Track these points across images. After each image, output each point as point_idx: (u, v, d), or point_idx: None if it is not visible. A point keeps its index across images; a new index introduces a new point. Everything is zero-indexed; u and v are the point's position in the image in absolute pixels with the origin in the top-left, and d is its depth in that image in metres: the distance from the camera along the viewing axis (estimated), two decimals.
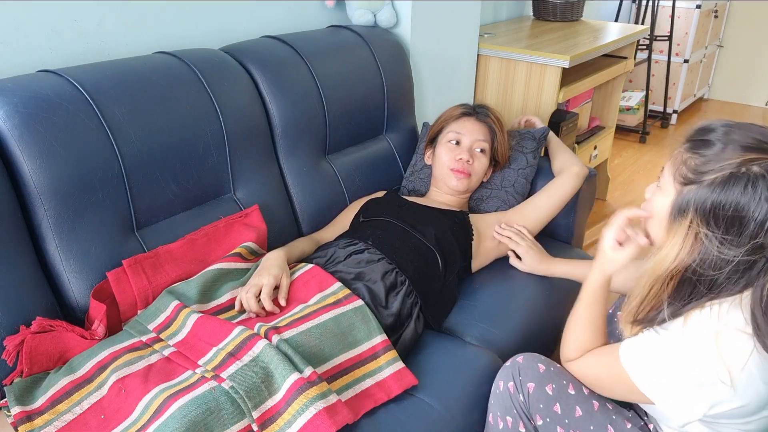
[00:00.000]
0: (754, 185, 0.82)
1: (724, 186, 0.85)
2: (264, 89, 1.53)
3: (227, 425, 0.96)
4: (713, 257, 0.87)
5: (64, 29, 1.34)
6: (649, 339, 0.95)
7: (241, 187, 1.47)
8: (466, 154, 1.60)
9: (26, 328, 1.10)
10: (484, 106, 1.69)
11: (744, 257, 0.85)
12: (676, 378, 0.91)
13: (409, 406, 1.12)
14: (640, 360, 0.96)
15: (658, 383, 0.94)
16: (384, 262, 1.34)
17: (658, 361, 0.93)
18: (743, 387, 0.87)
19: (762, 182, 0.82)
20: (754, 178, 0.83)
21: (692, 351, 0.89)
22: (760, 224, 0.83)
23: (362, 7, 1.85)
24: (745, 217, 0.84)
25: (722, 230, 0.86)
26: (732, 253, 0.85)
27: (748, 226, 0.84)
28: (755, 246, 0.84)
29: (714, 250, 0.86)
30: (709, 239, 0.86)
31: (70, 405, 1.03)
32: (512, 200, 1.71)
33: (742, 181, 0.83)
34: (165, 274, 1.25)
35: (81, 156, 1.16)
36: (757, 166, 0.83)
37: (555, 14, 2.79)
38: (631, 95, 3.95)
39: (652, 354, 0.95)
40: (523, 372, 1.11)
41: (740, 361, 0.86)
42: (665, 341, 0.93)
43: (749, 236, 0.84)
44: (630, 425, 1.06)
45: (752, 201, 0.83)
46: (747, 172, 0.83)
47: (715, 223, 0.86)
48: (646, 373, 0.95)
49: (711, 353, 0.87)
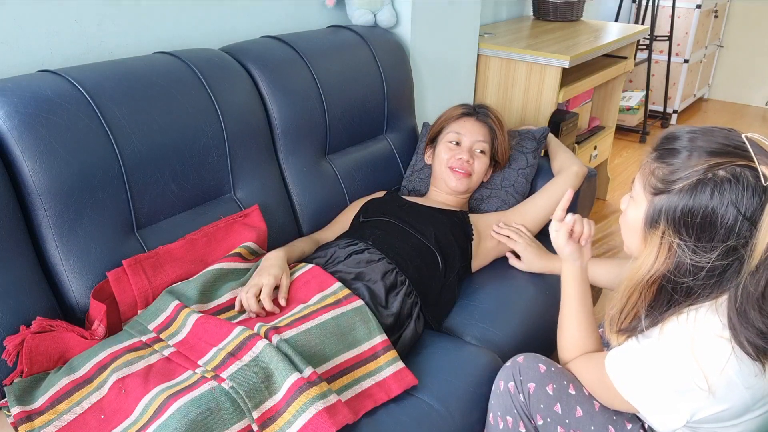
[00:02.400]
0: (721, 190, 0.82)
1: (691, 193, 0.85)
2: (264, 89, 1.53)
3: (227, 425, 0.96)
4: (687, 265, 0.87)
5: (64, 29, 1.34)
6: (631, 348, 0.97)
7: (241, 187, 1.47)
8: (466, 155, 1.60)
9: (26, 328, 1.10)
10: (485, 107, 1.69)
11: (717, 262, 0.85)
12: (657, 386, 0.92)
13: (409, 406, 1.12)
14: (623, 369, 0.98)
15: (641, 392, 0.95)
16: (384, 262, 1.34)
17: (639, 369, 0.94)
18: (722, 392, 0.87)
19: (728, 186, 0.82)
20: (720, 182, 0.83)
21: (669, 358, 0.89)
22: (729, 228, 0.83)
23: (362, 7, 1.85)
24: (714, 222, 0.84)
25: (694, 237, 0.86)
26: (705, 259, 0.85)
27: (719, 231, 0.84)
28: (727, 249, 0.84)
29: (687, 258, 0.87)
30: (681, 248, 0.87)
31: (70, 405, 1.03)
32: (512, 200, 1.71)
33: (708, 187, 0.83)
34: (165, 274, 1.25)
35: (81, 156, 1.16)
36: (722, 171, 0.83)
37: (555, 14, 2.79)
38: (631, 95, 3.95)
39: (633, 363, 0.96)
40: (524, 372, 1.11)
41: (717, 365, 0.86)
42: (644, 349, 0.94)
43: (720, 241, 0.84)
44: (630, 426, 1.06)
45: (720, 205, 0.83)
46: (713, 177, 0.83)
47: (686, 231, 0.86)
48: (629, 382, 0.96)
49: (687, 359, 0.87)
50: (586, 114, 2.77)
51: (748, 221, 0.82)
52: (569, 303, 1.18)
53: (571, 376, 1.12)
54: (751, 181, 0.82)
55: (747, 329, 0.84)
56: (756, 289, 0.84)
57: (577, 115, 2.45)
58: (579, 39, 2.41)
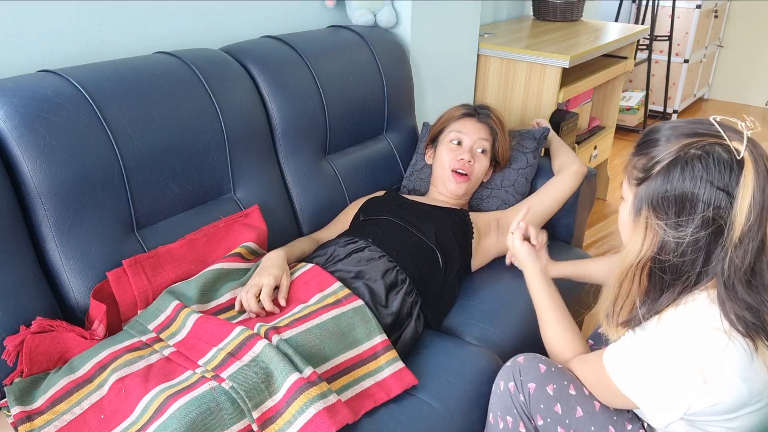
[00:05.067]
0: (692, 166, 0.86)
1: (666, 173, 0.89)
2: (264, 89, 1.53)
3: (227, 425, 0.96)
4: (671, 243, 0.90)
5: (64, 29, 1.34)
6: (628, 341, 0.97)
7: (241, 187, 1.47)
8: (467, 155, 1.60)
9: (26, 328, 1.10)
10: (486, 107, 1.69)
11: (697, 234, 0.87)
12: (654, 377, 0.92)
13: (409, 406, 1.12)
14: (621, 363, 0.98)
15: (639, 385, 0.95)
16: (384, 260, 1.34)
17: (637, 362, 0.95)
18: (718, 383, 0.87)
19: (698, 162, 0.86)
20: (691, 159, 0.87)
21: (666, 349, 0.90)
22: (706, 202, 0.86)
23: (362, 7, 1.85)
24: (690, 197, 0.87)
25: (673, 214, 0.89)
26: (685, 233, 0.88)
27: (696, 204, 0.87)
28: (705, 219, 0.87)
29: (669, 236, 0.89)
30: (662, 228, 0.90)
31: (70, 405, 1.03)
32: (512, 200, 1.71)
33: (679, 165, 0.87)
34: (165, 274, 1.25)
35: (81, 156, 1.16)
36: (693, 149, 0.87)
37: (555, 14, 2.79)
38: (631, 95, 3.95)
39: (631, 356, 0.96)
40: (524, 372, 1.11)
41: (714, 356, 0.87)
42: (642, 341, 0.94)
43: (699, 213, 0.87)
44: (630, 426, 1.06)
45: (693, 181, 0.86)
46: (684, 156, 0.87)
47: (665, 210, 0.89)
48: (627, 376, 0.96)
49: (684, 350, 0.88)
50: (586, 114, 2.77)
51: (724, 192, 0.85)
52: (544, 306, 1.22)
53: (571, 376, 1.12)
54: (723, 155, 0.85)
55: (735, 303, 0.86)
56: (743, 261, 0.86)
57: (577, 115, 2.45)
58: (579, 39, 2.41)
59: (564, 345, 1.17)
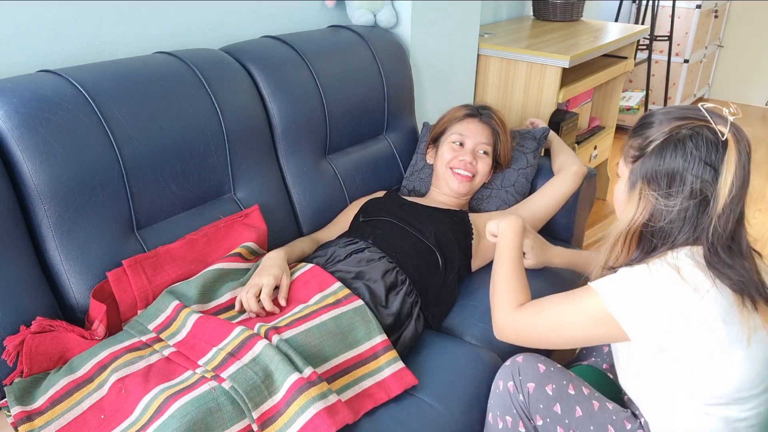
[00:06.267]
0: (684, 144, 0.97)
1: (661, 151, 0.99)
2: (264, 89, 1.53)
3: (227, 425, 0.96)
4: (661, 211, 1.00)
5: (64, 29, 1.34)
6: (621, 273, 1.03)
7: (241, 187, 1.47)
8: (469, 156, 1.60)
9: (26, 328, 1.10)
10: (488, 108, 1.69)
11: (686, 203, 0.98)
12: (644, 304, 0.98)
13: (409, 406, 1.12)
14: (613, 287, 1.02)
15: (629, 309, 1.00)
16: (384, 261, 1.34)
17: (629, 288, 1.00)
18: (701, 318, 0.95)
19: (690, 141, 0.97)
20: (683, 138, 0.98)
21: (655, 282, 0.98)
22: (695, 174, 0.97)
23: (362, 7, 1.85)
24: (681, 172, 0.98)
25: (665, 185, 0.99)
26: (675, 202, 0.99)
27: (686, 176, 0.97)
28: (693, 190, 0.97)
29: (661, 205, 1.00)
30: (655, 198, 1.00)
31: (70, 405, 1.03)
32: (512, 200, 1.71)
33: (672, 143, 0.98)
34: (165, 274, 1.25)
35: (81, 156, 1.16)
36: (684, 130, 0.98)
37: (555, 14, 2.79)
38: (631, 95, 3.95)
39: (623, 282, 1.01)
40: (523, 372, 1.11)
41: (700, 289, 0.95)
42: (634, 273, 1.00)
43: (689, 184, 0.98)
44: (630, 425, 1.07)
45: (683, 157, 0.97)
46: (676, 135, 0.98)
47: (657, 183, 1.00)
48: (618, 299, 1.00)
49: (671, 285, 0.96)
50: (586, 114, 2.77)
51: (710, 167, 0.96)
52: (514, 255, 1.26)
53: (570, 377, 1.12)
54: (710, 136, 0.97)
55: (719, 263, 0.96)
56: (724, 229, 0.97)
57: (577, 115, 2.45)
58: (579, 39, 2.41)
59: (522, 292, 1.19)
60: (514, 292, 1.18)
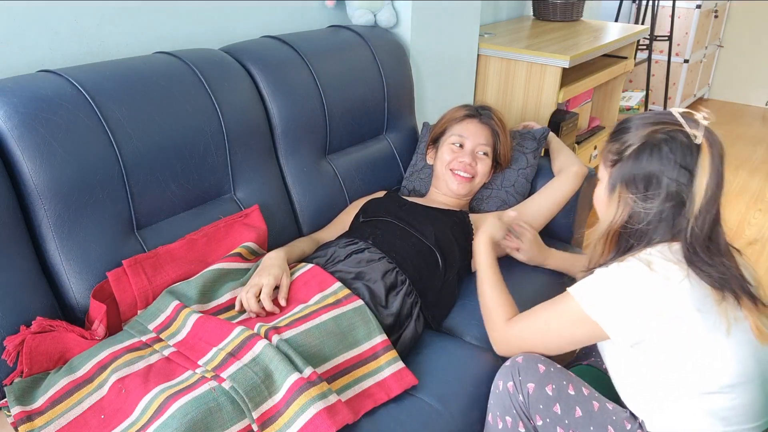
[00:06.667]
0: (659, 148, 1.01)
1: (637, 155, 1.03)
2: (264, 89, 1.53)
3: (227, 425, 0.96)
4: (639, 213, 1.04)
5: (64, 29, 1.34)
6: (593, 275, 1.07)
7: (241, 187, 1.47)
8: (468, 157, 1.60)
9: (26, 328, 1.10)
10: (488, 108, 1.69)
11: (663, 205, 1.02)
12: (616, 300, 1.02)
13: (409, 406, 1.12)
14: (586, 288, 1.06)
15: (603, 306, 1.04)
16: (384, 261, 1.34)
17: (601, 287, 1.05)
18: (674, 308, 0.98)
19: (665, 145, 1.01)
20: (659, 142, 1.02)
21: (627, 277, 1.02)
22: (670, 177, 1.01)
23: (362, 7, 1.85)
24: (658, 175, 1.01)
25: (642, 188, 1.03)
26: (653, 204, 1.02)
27: (662, 179, 1.01)
28: (669, 193, 1.01)
29: (639, 207, 1.04)
30: (634, 201, 1.04)
31: (70, 405, 1.03)
32: (512, 200, 1.71)
33: (648, 148, 1.02)
34: (165, 274, 1.25)
35: (81, 156, 1.16)
36: (660, 134, 1.02)
37: (555, 14, 2.79)
38: (631, 95, 3.95)
39: (595, 283, 1.06)
40: (523, 372, 1.11)
41: (672, 281, 0.98)
42: (606, 272, 1.05)
43: (665, 187, 1.01)
44: (630, 426, 1.07)
45: (659, 161, 1.01)
46: (652, 140, 1.02)
47: (635, 185, 1.04)
48: (591, 299, 1.05)
49: (643, 278, 1.00)
50: (586, 114, 2.78)
51: (685, 170, 1.00)
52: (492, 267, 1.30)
53: (570, 377, 1.12)
54: (684, 140, 1.01)
55: (699, 262, 1.00)
56: (701, 230, 1.00)
57: (577, 115, 2.45)
58: (579, 39, 2.41)
59: (505, 309, 1.22)
60: (499, 310, 1.23)
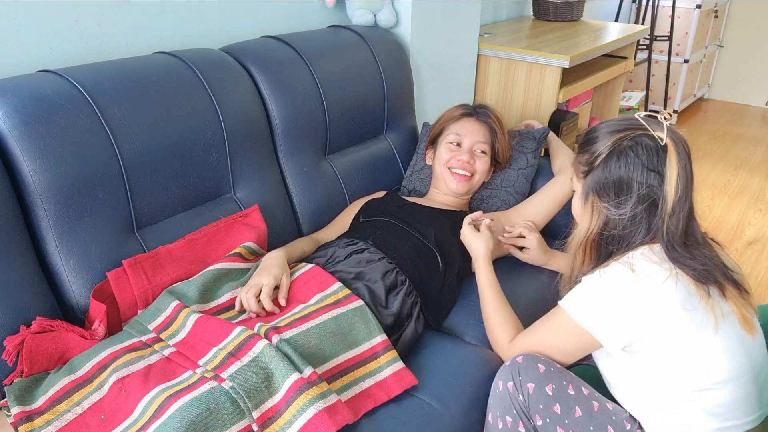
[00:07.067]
0: (626, 155, 1.04)
1: (606, 163, 1.06)
2: (264, 89, 1.53)
3: (227, 425, 0.96)
4: (614, 219, 1.07)
5: (64, 29, 1.34)
6: (580, 285, 1.09)
7: (241, 187, 1.47)
8: (466, 155, 1.60)
9: (26, 328, 1.10)
10: (485, 107, 1.69)
11: (636, 209, 1.04)
12: (603, 306, 1.04)
13: (409, 406, 1.12)
14: (574, 299, 1.09)
15: (591, 314, 1.06)
16: (384, 261, 1.34)
17: (588, 295, 1.07)
18: (660, 309, 1.00)
19: (631, 151, 1.04)
20: (625, 149, 1.05)
21: (611, 282, 1.04)
22: (640, 182, 1.03)
23: (362, 7, 1.85)
24: (627, 179, 1.04)
25: (614, 195, 1.06)
26: (625, 210, 1.05)
27: (632, 184, 1.04)
28: (640, 196, 1.04)
29: (613, 214, 1.07)
30: (607, 208, 1.07)
31: (70, 405, 1.03)
32: (512, 200, 1.71)
33: (615, 155, 1.05)
34: (165, 274, 1.25)
35: (81, 156, 1.16)
36: (626, 141, 1.05)
37: (555, 14, 2.79)
38: (631, 95, 3.95)
39: (582, 292, 1.08)
40: (523, 372, 1.11)
41: (656, 282, 1.00)
42: (591, 281, 1.07)
43: (635, 191, 1.04)
44: (629, 426, 1.07)
45: (626, 166, 1.04)
46: (618, 147, 1.05)
47: (606, 193, 1.07)
48: (580, 308, 1.07)
49: (627, 276, 1.02)
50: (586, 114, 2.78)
51: (654, 172, 1.03)
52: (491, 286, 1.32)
53: (570, 377, 1.12)
54: (650, 143, 1.04)
55: (680, 258, 1.02)
56: (677, 228, 1.03)
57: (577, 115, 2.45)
58: (579, 39, 2.41)
59: (508, 323, 1.25)
60: (502, 331, 1.25)
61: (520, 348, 1.18)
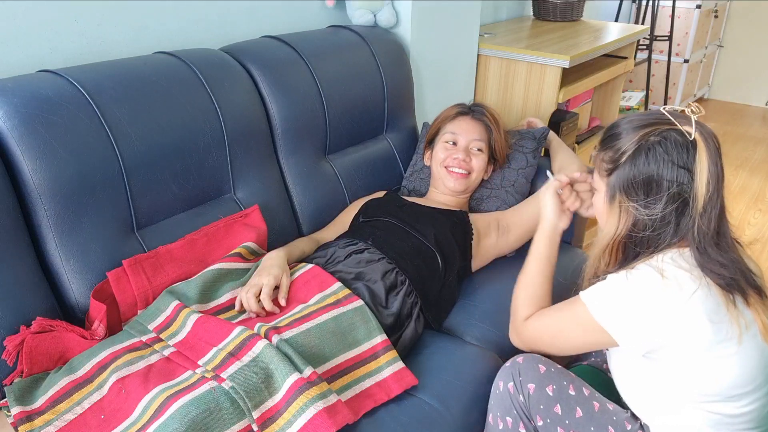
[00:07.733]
0: (654, 151, 0.99)
1: (633, 160, 1.00)
2: (264, 89, 1.53)
3: (227, 425, 0.96)
4: (643, 220, 1.01)
5: (64, 29, 1.34)
6: (606, 281, 1.04)
7: (241, 187, 1.47)
8: (462, 154, 1.60)
9: (26, 328, 1.10)
10: (480, 105, 1.70)
11: (666, 209, 0.99)
12: (627, 309, 1.00)
13: (409, 406, 1.12)
14: (598, 295, 1.04)
15: (613, 315, 1.02)
16: (384, 261, 1.34)
17: (612, 295, 1.02)
18: (686, 319, 0.95)
19: (659, 147, 0.98)
20: (652, 145, 0.99)
21: (639, 286, 0.99)
22: (670, 180, 0.98)
23: (362, 7, 1.85)
24: (656, 178, 0.99)
25: (643, 195, 1.00)
26: (656, 210, 1.00)
27: (662, 183, 0.98)
28: (671, 195, 0.98)
29: (642, 215, 1.01)
30: (636, 209, 1.01)
31: (70, 405, 1.03)
32: (512, 200, 1.71)
33: (643, 151, 0.99)
34: (165, 274, 1.25)
35: (81, 156, 1.16)
36: (653, 136, 0.99)
37: (555, 14, 2.79)
38: (631, 95, 3.95)
39: (607, 290, 1.03)
40: (524, 372, 1.11)
41: (685, 292, 0.95)
42: (618, 280, 1.02)
43: (665, 190, 0.99)
44: (630, 426, 1.07)
45: (656, 164, 0.98)
46: (646, 143, 0.99)
47: (635, 193, 1.01)
48: (602, 306, 1.03)
49: (657, 281, 0.97)
50: (586, 114, 2.77)
51: (684, 169, 0.97)
52: (538, 261, 1.24)
53: (571, 377, 1.12)
54: (678, 139, 0.98)
55: (711, 263, 0.97)
56: (709, 227, 0.98)
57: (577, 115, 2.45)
58: (579, 39, 2.41)
59: (540, 299, 1.20)
60: (525, 304, 1.20)
61: (532, 328, 1.16)
